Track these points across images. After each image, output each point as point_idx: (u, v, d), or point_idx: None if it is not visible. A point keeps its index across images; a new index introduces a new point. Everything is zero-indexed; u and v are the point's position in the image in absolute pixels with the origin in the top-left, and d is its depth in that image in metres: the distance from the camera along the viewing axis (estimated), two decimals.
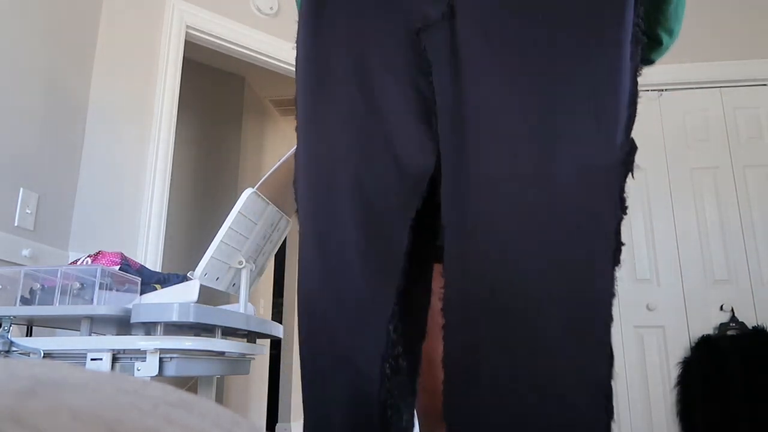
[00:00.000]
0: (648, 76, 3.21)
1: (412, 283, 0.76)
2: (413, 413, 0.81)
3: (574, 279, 0.65)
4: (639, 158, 0.71)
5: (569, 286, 0.65)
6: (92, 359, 1.10)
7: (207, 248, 1.24)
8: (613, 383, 0.64)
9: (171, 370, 1.11)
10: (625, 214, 0.68)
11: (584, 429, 0.63)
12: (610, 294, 0.65)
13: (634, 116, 0.71)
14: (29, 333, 1.32)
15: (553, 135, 0.68)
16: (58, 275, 1.20)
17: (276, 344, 4.66)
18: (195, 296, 1.17)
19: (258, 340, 1.49)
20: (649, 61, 0.92)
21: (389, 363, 0.71)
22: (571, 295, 0.64)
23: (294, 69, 0.92)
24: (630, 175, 0.71)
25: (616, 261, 0.66)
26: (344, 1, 0.80)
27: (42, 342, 1.13)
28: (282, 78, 2.98)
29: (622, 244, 0.67)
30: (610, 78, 0.70)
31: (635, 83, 0.73)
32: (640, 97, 0.72)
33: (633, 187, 2.88)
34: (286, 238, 1.62)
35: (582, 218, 0.66)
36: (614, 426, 0.64)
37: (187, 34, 2.54)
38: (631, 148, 0.70)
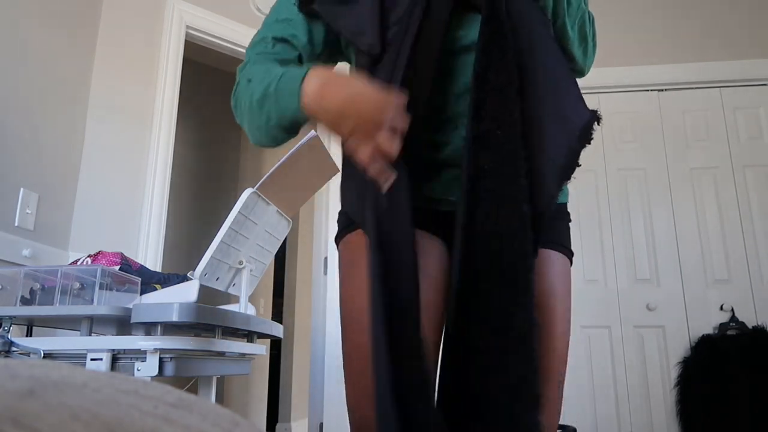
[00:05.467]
0: (648, 76, 3.23)
1: None
2: None
3: None
4: (639, 158, 0.74)
5: None
6: (92, 359, 1.10)
7: (207, 248, 1.23)
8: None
9: (171, 370, 1.11)
10: None
11: None
12: None
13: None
14: (29, 333, 1.32)
15: None
16: (58, 275, 1.20)
17: (276, 344, 4.65)
18: (195, 296, 1.17)
19: (258, 340, 1.49)
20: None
21: None
22: None
23: None
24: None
25: None
26: None
27: (42, 342, 1.13)
28: None
29: None
30: None
31: None
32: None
33: (633, 187, 2.88)
34: (286, 238, 1.61)
35: None
36: (615, 426, 0.66)
37: (187, 34, 2.53)
38: None
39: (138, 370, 1.09)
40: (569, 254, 0.97)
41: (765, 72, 2.91)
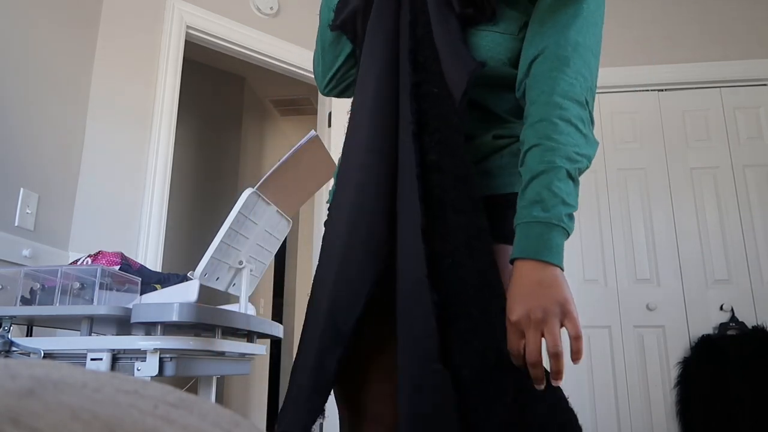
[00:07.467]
0: (648, 76, 3.23)
1: None
2: None
3: None
4: (639, 158, 0.73)
5: None
6: (92, 359, 1.10)
7: (207, 248, 1.23)
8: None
9: (171, 370, 1.11)
10: None
11: None
12: None
13: None
14: (29, 333, 1.32)
15: None
16: (58, 275, 1.20)
17: (276, 344, 4.66)
18: (195, 296, 1.17)
19: (258, 340, 1.49)
20: None
21: None
22: None
23: (293, 68, 0.98)
24: None
25: None
26: None
27: (42, 342, 1.13)
28: (282, 78, 2.98)
29: None
30: None
31: None
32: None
33: (633, 187, 2.88)
34: (286, 238, 1.62)
35: None
36: (615, 426, 0.66)
37: (187, 34, 2.54)
38: None
39: (138, 370, 1.09)
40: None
41: (765, 72, 2.91)
